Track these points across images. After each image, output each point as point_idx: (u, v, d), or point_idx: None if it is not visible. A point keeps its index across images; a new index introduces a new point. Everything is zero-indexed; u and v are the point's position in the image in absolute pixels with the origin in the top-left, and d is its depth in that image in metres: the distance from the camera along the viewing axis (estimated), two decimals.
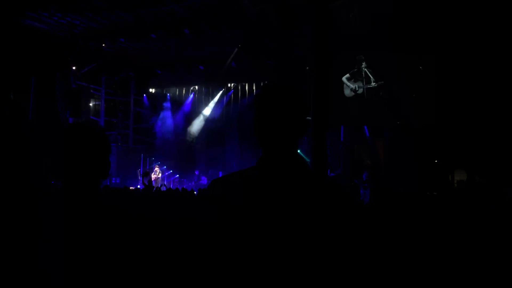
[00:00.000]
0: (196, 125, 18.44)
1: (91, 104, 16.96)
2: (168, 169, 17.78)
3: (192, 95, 18.97)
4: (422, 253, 3.84)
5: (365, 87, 13.67)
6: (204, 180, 16.54)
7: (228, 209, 1.35)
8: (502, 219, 5.23)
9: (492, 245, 4.02)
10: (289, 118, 1.39)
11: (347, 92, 14.00)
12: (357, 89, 13.85)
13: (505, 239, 4.05)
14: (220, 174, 16.62)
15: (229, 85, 17.97)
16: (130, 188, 12.47)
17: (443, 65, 11.21)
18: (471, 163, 11.22)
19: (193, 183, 16.44)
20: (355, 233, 1.35)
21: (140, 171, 17.47)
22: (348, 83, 14.01)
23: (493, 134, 10.65)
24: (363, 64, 13.60)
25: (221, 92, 18.17)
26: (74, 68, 15.34)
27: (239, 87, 17.83)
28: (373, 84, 13.43)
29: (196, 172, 16.60)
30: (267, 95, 1.43)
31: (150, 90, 19.21)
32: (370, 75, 13.59)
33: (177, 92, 19.25)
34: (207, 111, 18.39)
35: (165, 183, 17.40)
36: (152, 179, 16.18)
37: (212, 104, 18.33)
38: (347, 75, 14.00)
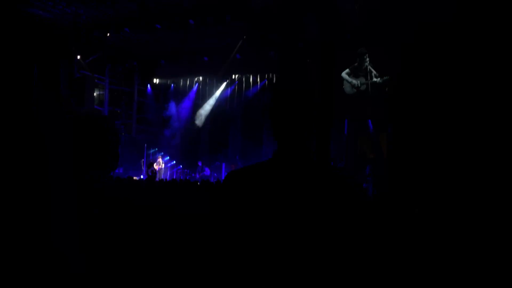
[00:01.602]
0: (200, 116, 18.43)
1: (95, 94, 16.97)
2: (171, 159, 17.82)
3: (196, 86, 18.94)
4: (425, 248, 3.84)
5: (369, 82, 13.41)
6: (207, 171, 16.56)
7: (244, 201, 1.37)
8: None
9: (493, 241, 4.01)
10: (306, 114, 1.44)
11: (348, 89, 13.64)
12: (359, 85, 13.48)
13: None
14: (223, 166, 16.65)
15: (233, 76, 17.92)
16: (134, 178, 12.53)
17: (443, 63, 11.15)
18: (473, 159, 11.17)
19: (196, 174, 16.47)
20: (367, 226, 1.37)
21: (143, 161, 17.51)
22: (349, 79, 13.67)
23: (493, 133, 10.59)
24: (366, 58, 13.34)
25: (225, 83, 18.14)
26: (78, 57, 15.34)
27: (243, 79, 17.79)
28: (377, 79, 13.19)
29: (199, 163, 16.61)
30: (284, 91, 1.47)
31: (154, 80, 19.19)
32: (373, 70, 13.32)
33: (181, 83, 19.23)
34: (211, 102, 18.37)
35: (168, 173, 17.47)
36: (156, 170, 16.24)
37: (216, 95, 18.30)
38: (347, 70, 13.65)
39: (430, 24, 10.53)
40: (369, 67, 13.34)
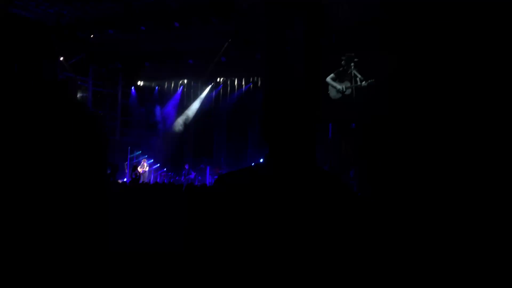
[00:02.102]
0: (185, 119, 18.36)
1: (78, 96, 16.77)
2: (155, 162, 17.71)
3: (180, 89, 18.87)
4: (411, 247, 3.87)
5: (353, 86, 13.45)
6: (192, 174, 16.48)
7: (233, 205, 1.36)
8: None
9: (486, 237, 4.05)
10: (297, 119, 1.44)
11: (333, 94, 13.66)
12: (344, 90, 13.51)
13: None
14: (208, 169, 16.59)
15: (218, 79, 17.90)
16: (118, 181, 12.43)
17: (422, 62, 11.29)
18: (462, 159, 11.31)
19: (182, 177, 16.38)
20: (362, 226, 1.38)
21: (127, 164, 17.36)
22: (334, 84, 13.70)
23: (483, 130, 10.74)
24: (351, 63, 13.39)
25: (210, 86, 18.10)
26: (61, 58, 15.16)
27: (228, 82, 17.78)
28: (363, 83, 13.24)
29: (186, 166, 16.54)
30: (275, 97, 1.48)
31: (138, 82, 19.06)
32: (357, 74, 13.37)
33: (166, 86, 19.14)
34: (196, 105, 18.31)
35: (152, 176, 17.36)
36: (139, 173, 16.11)
37: (200, 98, 18.25)
38: (332, 75, 13.64)
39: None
40: (354, 71, 13.40)
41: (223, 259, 1.30)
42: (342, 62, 13.42)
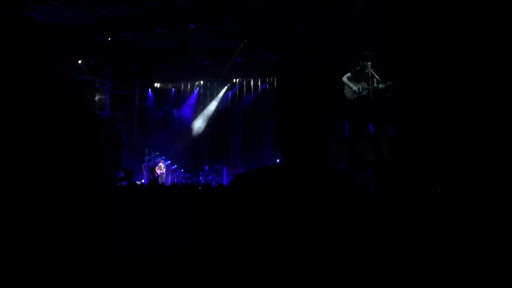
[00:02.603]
0: (201, 120, 18.43)
1: (96, 98, 16.98)
2: (172, 164, 17.82)
3: (197, 90, 18.95)
4: (426, 248, 3.81)
5: (371, 88, 13.22)
6: (211, 176, 16.52)
7: (249, 204, 1.36)
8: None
9: (497, 244, 3.98)
10: (310, 119, 1.43)
11: (349, 95, 13.37)
12: (361, 90, 13.20)
13: None
14: (225, 169, 16.62)
15: (234, 80, 17.93)
16: (136, 182, 12.49)
17: (444, 62, 11.14)
18: (476, 161, 11.14)
19: (201, 178, 16.44)
20: (373, 226, 1.36)
21: (144, 165, 17.51)
22: (350, 84, 13.41)
23: (496, 131, 10.57)
24: (369, 63, 13.17)
25: (226, 87, 18.14)
26: (79, 62, 15.36)
27: (244, 82, 17.79)
28: (380, 85, 12.96)
29: (206, 168, 16.60)
30: (288, 97, 1.47)
31: (155, 84, 19.20)
32: (375, 74, 13.12)
33: (182, 87, 19.24)
34: (212, 106, 18.37)
35: (169, 178, 17.46)
36: (158, 174, 16.23)
37: (217, 99, 18.30)
38: (348, 74, 13.30)
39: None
40: (372, 71, 13.15)
41: (237, 257, 1.30)
42: (360, 62, 13.22)
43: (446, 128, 11.34)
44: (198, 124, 18.46)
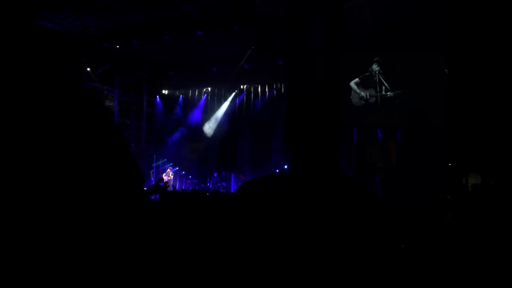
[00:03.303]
0: (209, 126, 18.48)
1: (105, 105, 17.09)
2: (180, 170, 17.86)
3: (204, 97, 19.01)
4: (435, 253, 3.80)
5: (379, 95, 12.99)
6: (220, 183, 16.53)
7: (256, 212, 1.35)
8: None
9: (506, 248, 3.96)
10: (320, 124, 1.43)
11: (355, 101, 13.14)
12: (368, 97, 12.97)
13: None
14: (232, 176, 16.63)
15: (242, 86, 17.97)
16: (144, 189, 12.55)
17: (456, 65, 11.09)
18: (486, 166, 11.08)
19: (210, 184, 16.45)
20: (385, 232, 1.36)
21: (152, 171, 17.57)
22: (358, 90, 13.21)
23: (508, 136, 10.51)
24: (377, 69, 12.98)
25: (233, 93, 18.18)
26: (88, 69, 15.50)
27: (252, 89, 17.83)
28: (389, 93, 12.68)
29: (215, 174, 16.62)
30: (299, 100, 1.47)
31: (163, 91, 19.31)
32: (384, 82, 12.84)
33: (190, 94, 19.32)
34: (220, 112, 18.42)
35: (177, 184, 17.48)
36: (164, 181, 16.26)
37: (225, 105, 18.35)
38: (356, 80, 13.24)
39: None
40: (381, 78, 12.97)
41: (242, 265, 1.30)
42: (369, 68, 13.05)
43: (455, 133, 11.30)
44: (206, 130, 18.50)
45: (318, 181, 1.38)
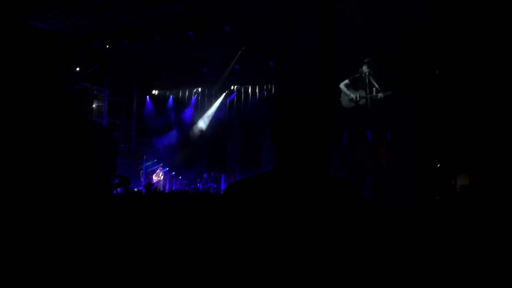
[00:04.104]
0: (199, 127, 18.43)
1: (94, 106, 17.00)
2: (170, 171, 17.79)
3: (195, 97, 18.97)
4: (424, 255, 3.83)
5: (368, 97, 12.92)
6: (210, 184, 16.51)
7: (243, 212, 1.34)
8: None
9: (495, 249, 3.99)
10: (310, 124, 1.41)
11: (345, 103, 13.09)
12: (358, 99, 12.91)
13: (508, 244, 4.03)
14: (223, 176, 16.60)
15: (232, 87, 17.95)
16: (134, 189, 12.48)
17: (444, 68, 11.18)
18: (474, 168, 11.18)
19: (200, 185, 16.42)
20: (372, 234, 1.35)
21: (142, 172, 17.48)
22: (347, 91, 13.09)
23: (496, 137, 10.62)
24: (368, 70, 12.89)
25: (224, 94, 18.16)
26: (78, 69, 15.38)
27: (242, 90, 17.82)
28: (379, 95, 12.64)
29: (205, 175, 16.59)
30: (287, 99, 1.45)
31: (153, 92, 19.23)
32: (374, 83, 12.77)
33: (180, 94, 19.26)
34: (210, 113, 18.38)
35: (167, 185, 17.42)
36: (154, 181, 16.20)
37: (215, 106, 18.32)
38: (346, 81, 13.16)
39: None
40: (371, 80, 12.86)
41: (226, 265, 1.29)
42: (359, 69, 13.00)
43: (443, 134, 11.39)
44: (196, 131, 18.46)
45: (303, 182, 1.37)
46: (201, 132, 18.37)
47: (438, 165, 11.91)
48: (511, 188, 9.58)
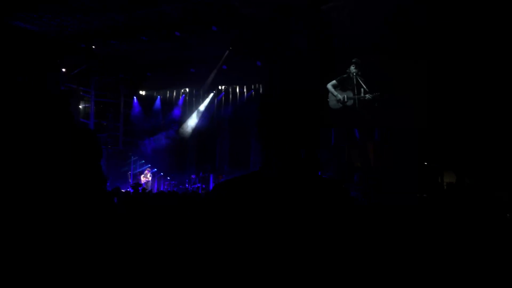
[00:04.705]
0: (187, 127, 18.37)
1: (80, 107, 16.85)
2: (158, 171, 17.71)
3: (182, 98, 18.90)
4: (413, 252, 3.85)
5: (356, 98, 12.78)
6: (198, 184, 16.47)
7: (231, 212, 1.33)
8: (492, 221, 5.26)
9: (482, 246, 4.04)
10: (296, 123, 1.40)
11: (333, 103, 13.01)
12: (346, 100, 12.82)
13: (496, 242, 4.08)
14: (211, 177, 16.57)
15: (220, 87, 17.93)
16: (122, 191, 12.39)
17: (434, 69, 11.27)
18: (461, 165, 11.31)
19: (188, 186, 16.37)
20: (360, 233, 1.35)
21: (130, 173, 17.37)
22: (335, 92, 12.97)
23: (482, 136, 10.75)
24: (356, 71, 12.75)
25: (212, 94, 18.13)
26: (64, 70, 15.24)
27: (230, 90, 17.81)
28: (367, 96, 12.53)
29: (193, 176, 16.54)
30: (274, 98, 1.43)
31: (141, 92, 19.12)
32: (362, 84, 12.65)
33: (168, 95, 19.18)
34: (198, 113, 18.33)
35: (156, 186, 17.34)
36: (142, 182, 16.10)
37: (203, 106, 18.28)
38: (334, 81, 13.01)
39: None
40: (359, 80, 12.72)
41: (213, 266, 1.29)
42: (347, 69, 12.91)
43: (430, 133, 11.49)
44: (184, 131, 18.40)
45: (291, 182, 1.37)
46: (189, 132, 18.31)
47: (425, 163, 12.01)
48: (497, 185, 9.70)
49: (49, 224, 1.32)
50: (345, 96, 12.89)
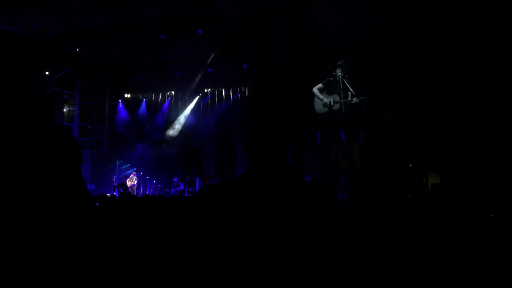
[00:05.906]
0: (173, 130, 18.28)
1: (65, 110, 16.66)
2: (144, 175, 17.58)
3: (168, 101, 18.82)
4: (399, 253, 3.88)
5: (343, 101, 12.67)
6: (182, 186, 16.40)
7: (216, 216, 1.32)
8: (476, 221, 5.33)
9: (464, 244, 4.09)
10: (279, 124, 1.38)
11: (319, 107, 12.96)
12: (332, 104, 12.75)
13: (481, 241, 4.13)
14: (197, 180, 16.51)
15: (205, 90, 17.89)
16: (107, 194, 12.30)
17: (414, 73, 11.38)
18: (445, 166, 11.43)
19: (172, 189, 16.29)
20: (344, 235, 1.35)
21: (115, 177, 17.21)
22: (321, 96, 12.91)
23: (466, 137, 10.88)
24: (342, 74, 12.65)
25: (197, 97, 18.07)
26: (47, 73, 15.06)
27: (216, 92, 17.78)
28: (354, 100, 12.43)
29: (175, 179, 16.46)
30: (257, 100, 1.42)
31: (126, 95, 18.98)
32: (349, 87, 12.54)
33: (153, 98, 19.08)
34: (184, 116, 18.26)
35: (141, 189, 17.22)
36: (128, 186, 15.97)
37: (189, 109, 18.21)
38: (320, 85, 12.95)
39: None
40: (346, 83, 12.62)
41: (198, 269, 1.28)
42: (333, 72, 12.82)
43: (415, 135, 11.60)
44: (170, 134, 18.30)
45: (275, 185, 1.36)
46: (175, 135, 18.22)
47: (410, 165, 12.12)
48: (480, 186, 9.83)
49: (25, 227, 1.30)
50: (331, 100, 12.82)
